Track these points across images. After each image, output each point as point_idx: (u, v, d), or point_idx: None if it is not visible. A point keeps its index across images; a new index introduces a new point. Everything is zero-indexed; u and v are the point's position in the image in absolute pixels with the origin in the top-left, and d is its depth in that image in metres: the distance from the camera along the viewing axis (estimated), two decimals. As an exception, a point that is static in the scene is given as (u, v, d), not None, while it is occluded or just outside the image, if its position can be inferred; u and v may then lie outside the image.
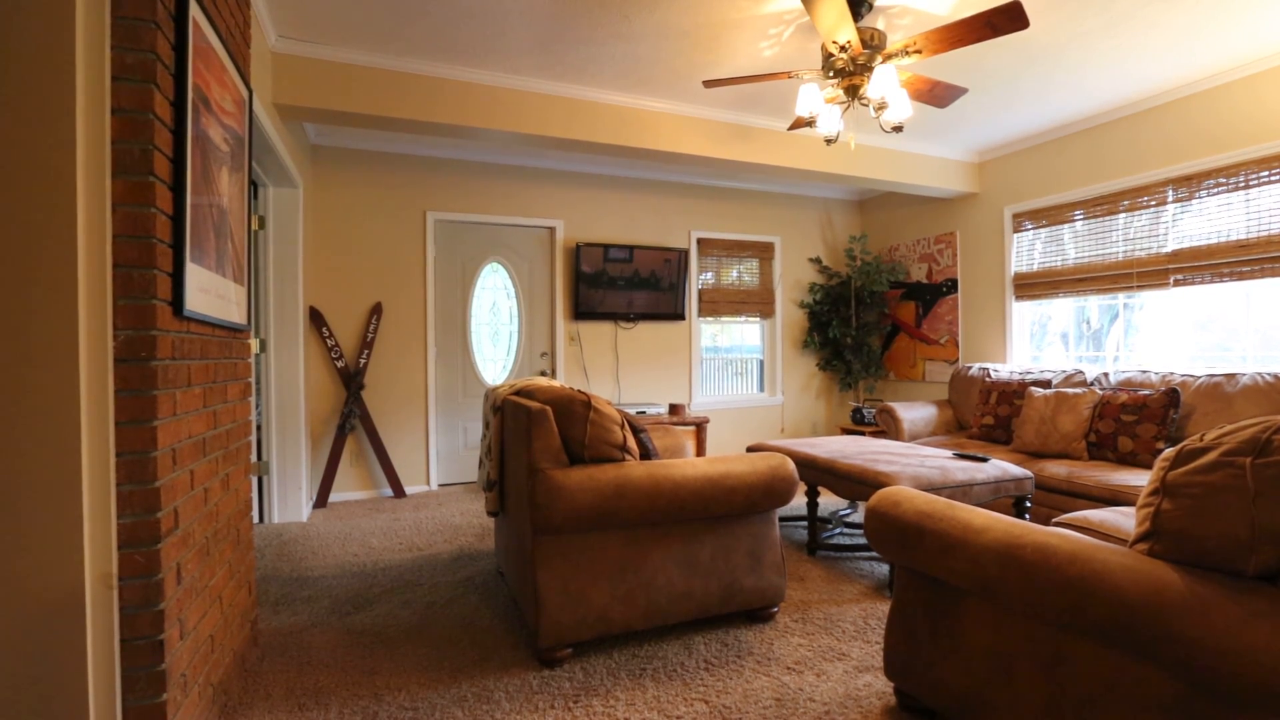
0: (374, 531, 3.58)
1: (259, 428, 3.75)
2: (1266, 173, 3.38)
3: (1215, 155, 3.58)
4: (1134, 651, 1.21)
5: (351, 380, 4.34)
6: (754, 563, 2.29)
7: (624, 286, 5.17)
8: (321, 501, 4.20)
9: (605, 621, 2.08)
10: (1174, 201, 3.78)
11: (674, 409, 4.61)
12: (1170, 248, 3.80)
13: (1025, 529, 1.45)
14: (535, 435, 2.03)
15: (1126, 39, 3.15)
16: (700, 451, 4.64)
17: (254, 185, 3.63)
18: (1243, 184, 3.48)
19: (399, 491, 4.46)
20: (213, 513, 1.77)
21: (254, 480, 3.68)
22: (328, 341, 4.31)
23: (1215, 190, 3.59)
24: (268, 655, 2.13)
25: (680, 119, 4.03)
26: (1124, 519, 1.86)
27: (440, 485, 4.79)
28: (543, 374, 5.15)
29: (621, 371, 5.31)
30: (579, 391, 2.17)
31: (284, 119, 3.35)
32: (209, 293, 1.69)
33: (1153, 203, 3.88)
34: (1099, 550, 1.29)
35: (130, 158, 1.35)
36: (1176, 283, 3.77)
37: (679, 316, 5.37)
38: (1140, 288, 3.95)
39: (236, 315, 1.97)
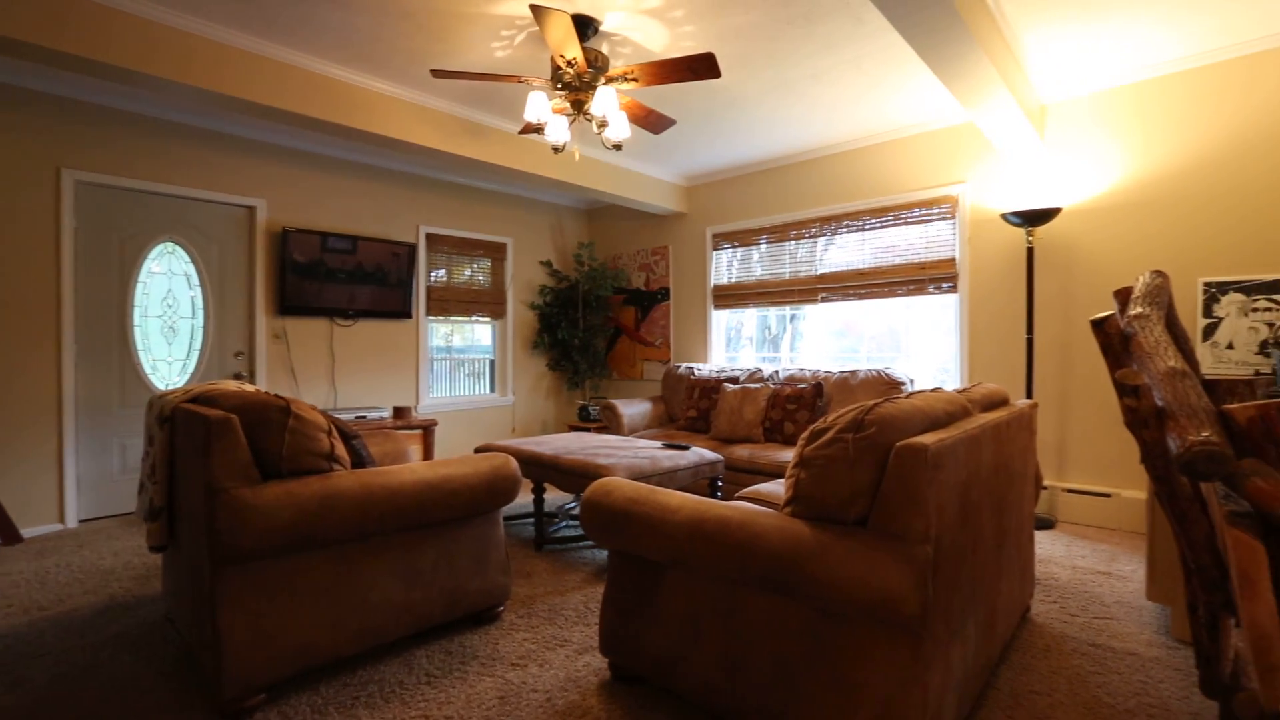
0: (-35, 592, 2.66)
1: None
2: (876, 220, 4.50)
3: (848, 203, 4.65)
4: (783, 593, 1.50)
5: (-75, 389, 3.16)
6: (479, 565, 2.27)
7: (345, 280, 4.69)
8: None
9: (308, 653, 1.86)
10: (823, 235, 4.80)
11: (399, 412, 4.33)
12: (820, 271, 4.81)
13: (710, 505, 1.70)
14: (215, 449, 1.72)
15: (787, 103, 3.90)
16: (427, 455, 4.44)
17: None
18: (862, 227, 4.57)
19: (11, 536, 3.37)
20: None
21: None
22: (-121, 335, 3.07)
23: (848, 230, 4.65)
24: None
25: (409, 105, 3.80)
26: (783, 489, 2.30)
27: (83, 521, 3.76)
28: (238, 376, 4.39)
29: (339, 373, 4.80)
30: (276, 396, 1.91)
31: None
32: None
33: (809, 235, 4.87)
34: (759, 516, 1.58)
35: None
36: (823, 299, 4.78)
37: (406, 314, 5.06)
38: (801, 302, 4.92)
39: None
